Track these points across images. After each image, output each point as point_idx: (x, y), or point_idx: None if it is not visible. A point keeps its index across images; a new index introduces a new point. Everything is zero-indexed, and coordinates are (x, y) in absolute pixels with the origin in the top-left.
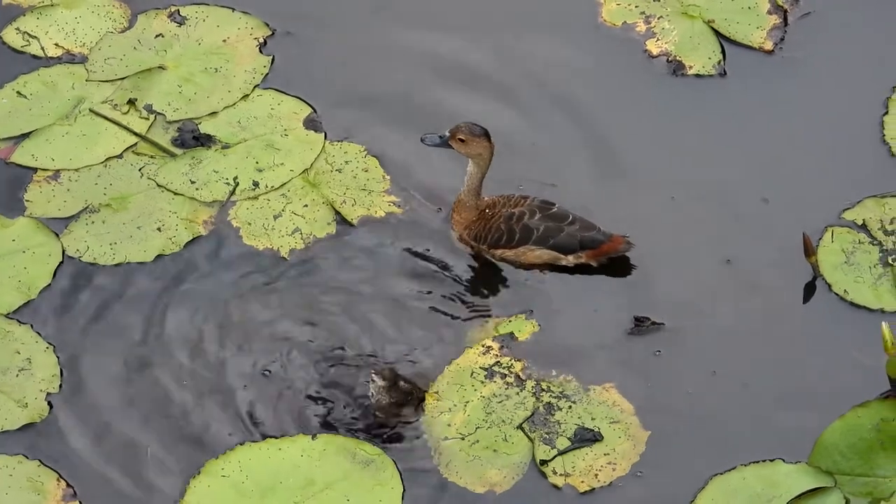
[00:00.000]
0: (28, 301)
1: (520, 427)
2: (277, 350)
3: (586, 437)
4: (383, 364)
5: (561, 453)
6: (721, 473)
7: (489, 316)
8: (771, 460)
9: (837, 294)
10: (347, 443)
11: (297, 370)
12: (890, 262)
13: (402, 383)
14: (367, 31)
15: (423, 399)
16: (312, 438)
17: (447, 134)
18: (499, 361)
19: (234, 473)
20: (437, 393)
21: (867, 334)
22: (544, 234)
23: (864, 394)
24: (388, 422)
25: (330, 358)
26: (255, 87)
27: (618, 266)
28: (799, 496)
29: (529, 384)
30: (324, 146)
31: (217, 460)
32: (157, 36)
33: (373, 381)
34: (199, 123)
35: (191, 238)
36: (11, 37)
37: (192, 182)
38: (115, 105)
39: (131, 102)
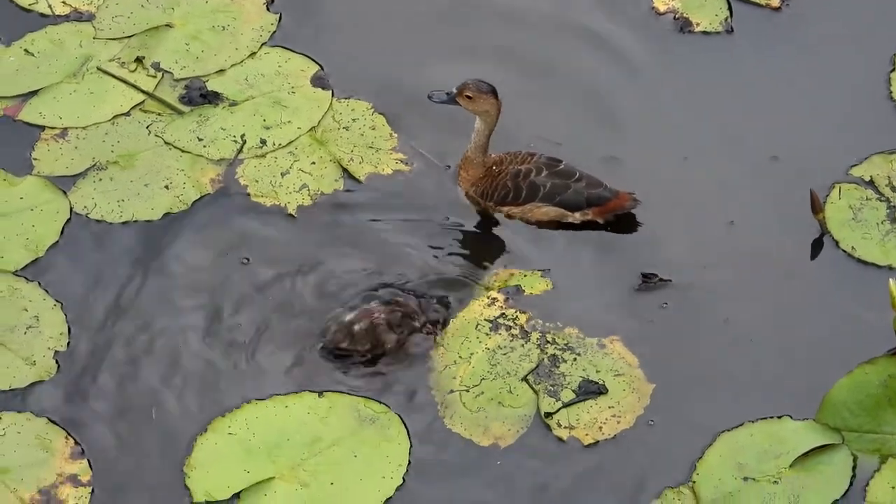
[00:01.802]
0: (36, 259)
1: (524, 379)
2: (285, 306)
3: (591, 390)
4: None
5: (565, 406)
6: (729, 430)
7: (495, 271)
8: (779, 417)
9: (845, 251)
10: (353, 400)
11: (305, 326)
12: None
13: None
14: None
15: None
16: (319, 396)
17: (454, 91)
18: (504, 314)
19: (241, 431)
20: (442, 346)
21: (875, 291)
22: (551, 191)
23: (871, 350)
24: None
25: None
26: (262, 44)
27: (625, 223)
28: (807, 453)
29: (534, 336)
30: (331, 104)
31: (224, 418)
32: None
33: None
34: (207, 81)
35: (198, 196)
36: None
37: (200, 139)
38: (123, 63)
39: (139, 60)
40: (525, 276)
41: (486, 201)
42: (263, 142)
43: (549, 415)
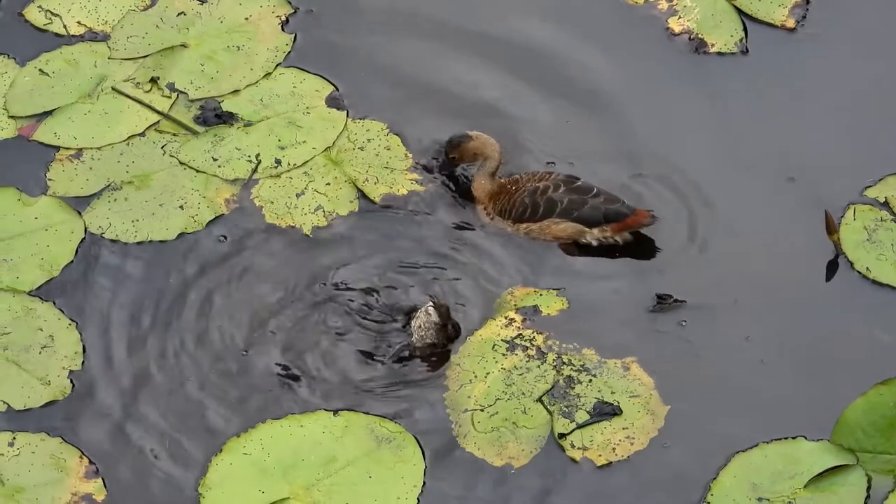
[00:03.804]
0: (50, 279)
1: (539, 400)
2: (300, 327)
3: (605, 411)
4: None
5: (579, 427)
6: (743, 451)
7: (511, 290)
8: (793, 438)
9: (859, 272)
10: (369, 420)
11: (320, 346)
12: None
13: (450, 327)
14: (389, 8)
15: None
16: (334, 415)
17: (444, 157)
18: (521, 334)
19: (256, 451)
20: (458, 365)
21: (889, 312)
22: (568, 207)
23: (886, 371)
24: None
25: (351, 334)
26: (277, 65)
27: (641, 242)
28: (821, 473)
29: (551, 357)
30: (346, 124)
31: (239, 438)
32: (179, 14)
33: (427, 313)
34: (222, 101)
35: (213, 216)
36: (34, 15)
37: (215, 160)
38: (138, 83)
39: (153, 80)
40: (541, 295)
41: (504, 219)
42: (278, 162)
43: (562, 436)
